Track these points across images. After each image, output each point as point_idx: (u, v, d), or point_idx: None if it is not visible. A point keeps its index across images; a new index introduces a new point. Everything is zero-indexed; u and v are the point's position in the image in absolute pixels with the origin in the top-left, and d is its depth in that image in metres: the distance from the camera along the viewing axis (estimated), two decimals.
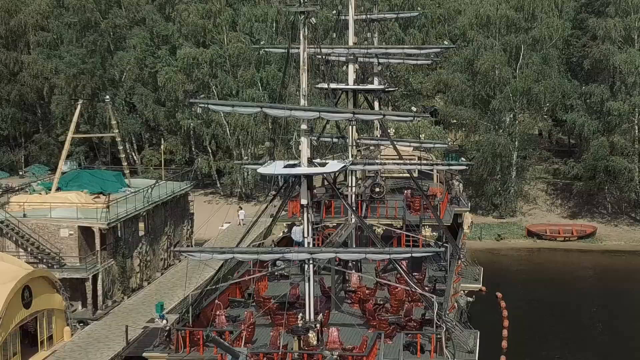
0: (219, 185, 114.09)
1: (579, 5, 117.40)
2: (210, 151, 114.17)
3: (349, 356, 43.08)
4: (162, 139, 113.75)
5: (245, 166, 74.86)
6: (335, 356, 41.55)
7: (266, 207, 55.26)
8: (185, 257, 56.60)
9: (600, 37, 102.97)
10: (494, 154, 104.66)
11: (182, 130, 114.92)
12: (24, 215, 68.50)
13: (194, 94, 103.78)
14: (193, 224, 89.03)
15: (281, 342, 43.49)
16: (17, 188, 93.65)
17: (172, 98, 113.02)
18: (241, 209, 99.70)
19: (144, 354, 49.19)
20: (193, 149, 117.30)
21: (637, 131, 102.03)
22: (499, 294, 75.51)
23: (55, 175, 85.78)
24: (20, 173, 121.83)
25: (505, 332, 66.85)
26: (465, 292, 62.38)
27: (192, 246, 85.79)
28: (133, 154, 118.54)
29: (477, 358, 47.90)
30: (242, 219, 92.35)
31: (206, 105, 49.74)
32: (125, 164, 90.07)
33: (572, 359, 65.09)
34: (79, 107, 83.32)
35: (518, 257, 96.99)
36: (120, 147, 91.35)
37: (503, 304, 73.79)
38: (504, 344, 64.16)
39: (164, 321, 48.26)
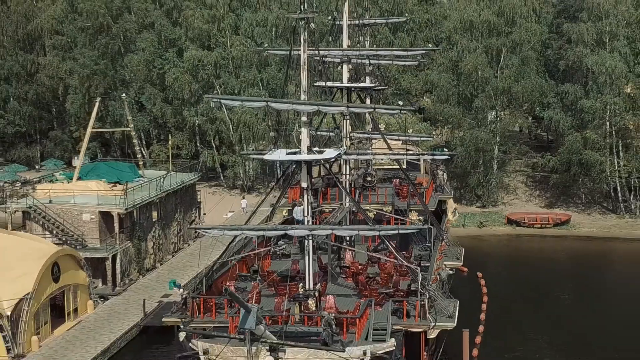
0: (222, 178, 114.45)
1: (555, 11, 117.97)
2: (214, 146, 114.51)
3: (344, 318, 45.11)
4: (170, 134, 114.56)
5: (251, 156, 76.68)
6: (332, 316, 44.92)
7: (267, 195, 58.50)
8: (201, 234, 60.03)
9: (574, 41, 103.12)
10: (477, 148, 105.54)
11: (188, 127, 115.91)
12: (50, 202, 70.78)
13: (208, 91, 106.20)
14: (200, 211, 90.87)
15: (284, 308, 46.44)
16: (35, 180, 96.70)
17: (179, 97, 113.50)
18: (243, 198, 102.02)
19: (163, 319, 52.02)
20: (198, 144, 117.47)
21: (608, 127, 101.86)
22: (480, 274, 76.85)
23: (76, 166, 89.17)
24: (36, 167, 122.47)
25: (484, 307, 68.31)
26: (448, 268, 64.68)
27: (198, 233, 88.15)
28: (142, 149, 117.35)
29: (456, 322, 49.85)
30: (244, 207, 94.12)
31: (219, 100, 52.96)
32: (140, 155, 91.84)
33: (546, 332, 65.94)
34: (97, 104, 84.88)
35: (498, 242, 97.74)
36: (135, 141, 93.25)
37: (483, 282, 75.00)
38: (483, 316, 65.75)
39: (181, 290, 51.10)
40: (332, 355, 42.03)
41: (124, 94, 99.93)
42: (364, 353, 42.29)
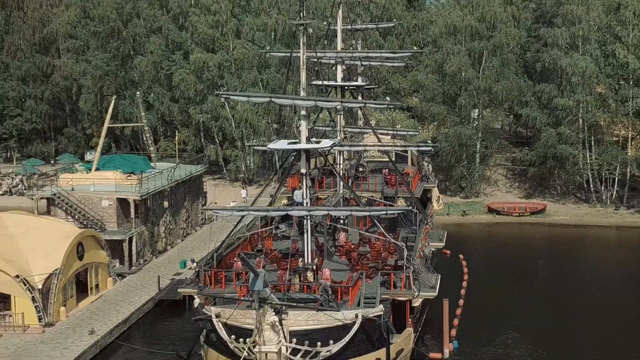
0: (225, 171, 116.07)
1: (533, 17, 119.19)
2: (217, 142, 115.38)
3: (339, 287, 48.36)
4: (177, 131, 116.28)
5: (256, 147, 79.31)
6: (328, 284, 48.31)
7: (268, 183, 61.86)
8: (210, 218, 63.38)
9: (549, 44, 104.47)
10: (461, 143, 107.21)
11: (193, 124, 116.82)
12: (72, 189, 73.36)
13: (212, 91, 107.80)
14: (206, 200, 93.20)
15: (286, 279, 49.91)
16: (51, 173, 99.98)
17: (185, 96, 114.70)
18: (244, 188, 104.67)
19: (179, 290, 55.09)
20: (203, 139, 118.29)
21: (581, 123, 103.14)
22: (461, 256, 79.48)
23: (88, 160, 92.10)
24: (52, 162, 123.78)
25: (464, 283, 71.31)
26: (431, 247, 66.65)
27: (205, 219, 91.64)
28: (147, 146, 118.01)
29: (437, 293, 52.72)
30: (245, 197, 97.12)
31: (228, 96, 56.29)
32: (152, 149, 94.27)
33: (523, 306, 67.51)
34: (112, 102, 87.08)
35: (479, 229, 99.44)
36: (148, 135, 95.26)
37: (464, 263, 77.66)
38: (463, 291, 68.57)
39: (194, 264, 54.12)
40: (328, 317, 45.26)
41: (137, 92, 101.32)
42: (356, 316, 45.17)
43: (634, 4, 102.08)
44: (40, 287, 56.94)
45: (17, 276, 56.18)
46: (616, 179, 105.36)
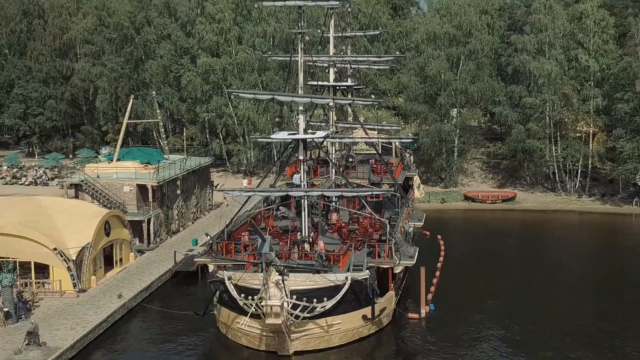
0: (228, 164, 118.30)
1: (505, 25, 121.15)
2: (221, 137, 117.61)
3: (331, 255, 52.78)
4: (184, 128, 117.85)
5: (259, 139, 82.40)
6: (323, 252, 52.96)
7: (268, 173, 65.73)
8: (225, 194, 66.65)
9: (519, 49, 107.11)
10: (440, 139, 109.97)
11: (199, 121, 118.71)
12: (97, 177, 76.90)
13: (217, 92, 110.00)
14: (213, 189, 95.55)
15: (287, 249, 54.43)
16: (74, 165, 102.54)
17: (192, 96, 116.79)
18: (244, 178, 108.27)
19: (195, 259, 59.47)
20: (208, 135, 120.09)
21: (547, 120, 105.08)
22: (439, 236, 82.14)
23: (103, 154, 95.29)
24: (70, 156, 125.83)
25: (441, 258, 74.65)
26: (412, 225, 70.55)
27: (212, 205, 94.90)
28: (160, 140, 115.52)
29: (415, 261, 56.97)
30: (246, 186, 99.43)
31: (237, 94, 60.78)
32: (166, 142, 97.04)
33: (494, 277, 70.24)
34: (131, 101, 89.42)
35: (456, 214, 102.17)
36: (162, 130, 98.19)
37: (442, 242, 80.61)
38: (439, 265, 72.11)
39: (208, 237, 58.16)
40: (322, 279, 50.14)
41: (153, 92, 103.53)
42: (346, 278, 50.32)
43: (594, 14, 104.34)
44: (74, 258, 60.30)
45: (55, 249, 59.44)
46: (579, 170, 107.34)
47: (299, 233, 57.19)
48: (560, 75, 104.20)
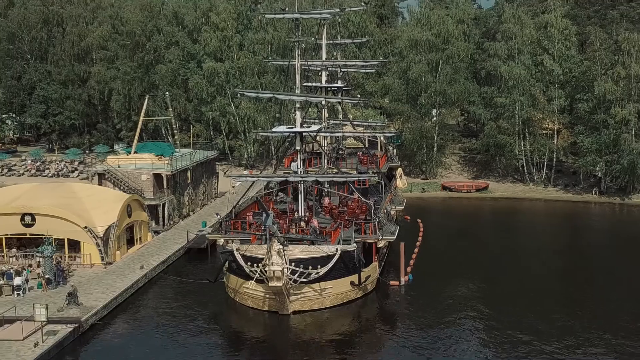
0: (230, 158, 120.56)
1: (480, 33, 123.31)
2: (224, 134, 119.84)
3: (324, 230, 57.82)
4: (191, 125, 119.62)
5: (261, 133, 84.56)
6: (317, 227, 58.01)
7: (268, 163, 69.34)
8: (233, 179, 70.20)
9: (492, 55, 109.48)
10: (422, 135, 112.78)
11: (205, 119, 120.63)
12: (118, 167, 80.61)
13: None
14: (218, 179, 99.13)
15: (285, 226, 59.19)
16: (90, 160, 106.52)
17: (198, 97, 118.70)
18: (245, 170, 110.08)
19: (207, 236, 63.52)
20: (212, 132, 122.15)
21: (516, 118, 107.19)
22: (419, 220, 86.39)
23: (117, 150, 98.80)
24: (87, 151, 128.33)
25: (420, 237, 78.85)
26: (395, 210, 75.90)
27: (217, 193, 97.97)
28: (169, 137, 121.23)
29: (395, 237, 61.96)
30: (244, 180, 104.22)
31: (244, 93, 65.29)
32: (176, 137, 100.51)
33: (467, 254, 73.43)
34: (146, 101, 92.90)
35: (435, 202, 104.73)
36: (174, 126, 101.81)
37: (421, 224, 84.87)
38: (418, 243, 76.39)
39: (218, 216, 62.21)
40: (317, 249, 55.19)
41: (167, 93, 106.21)
42: (337, 249, 55.33)
43: (558, 23, 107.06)
44: (101, 235, 64.78)
45: (85, 227, 63.97)
46: (545, 163, 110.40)
47: (295, 213, 62.11)
48: (527, 78, 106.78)
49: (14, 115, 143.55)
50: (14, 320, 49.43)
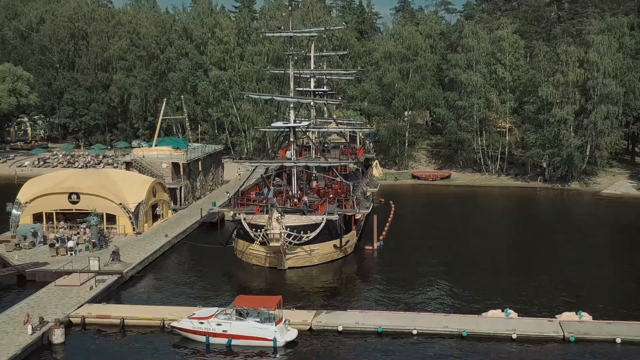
0: (232, 153, 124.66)
1: (444, 46, 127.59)
2: (227, 132, 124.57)
3: (312, 203, 64.85)
4: (199, 124, 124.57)
5: (261, 129, 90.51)
6: (307, 201, 65.48)
7: (266, 154, 74.91)
8: (239, 164, 76.24)
9: (454, 65, 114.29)
10: (395, 133, 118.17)
11: (210, 119, 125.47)
12: (143, 157, 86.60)
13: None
14: (223, 169, 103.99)
15: (282, 201, 66.71)
16: (112, 154, 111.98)
17: (205, 100, 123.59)
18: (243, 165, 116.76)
19: (218, 210, 71.41)
20: (217, 130, 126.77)
21: (474, 118, 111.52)
22: (392, 202, 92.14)
23: (135, 146, 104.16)
24: (108, 147, 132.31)
25: (391, 214, 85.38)
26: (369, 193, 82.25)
27: (222, 180, 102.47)
28: (179, 134, 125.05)
29: (369, 211, 69.05)
30: (247, 168, 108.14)
31: (249, 95, 71.77)
32: (191, 133, 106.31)
33: (431, 229, 78.90)
34: (164, 103, 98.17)
35: (406, 188, 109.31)
36: (187, 124, 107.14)
37: (393, 205, 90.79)
38: (390, 218, 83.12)
39: (228, 194, 69.21)
40: (307, 218, 62.44)
41: (182, 96, 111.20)
42: (323, 218, 62.47)
43: (509, 38, 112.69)
44: (133, 210, 71.51)
45: (120, 204, 70.88)
46: (499, 156, 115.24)
47: (290, 192, 69.44)
48: (483, 84, 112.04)
49: (44, 116, 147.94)
50: (72, 272, 57.17)
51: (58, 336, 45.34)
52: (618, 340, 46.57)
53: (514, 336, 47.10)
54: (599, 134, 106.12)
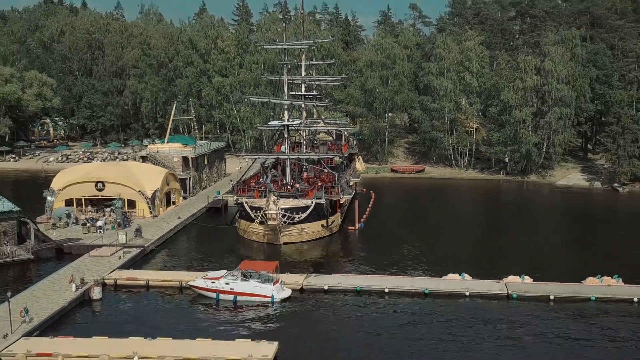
0: (233, 150, 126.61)
1: (420, 55, 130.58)
2: (228, 131, 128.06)
3: (302, 189, 70.28)
4: (203, 125, 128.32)
5: (260, 127, 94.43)
6: (299, 187, 71.21)
7: (263, 150, 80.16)
8: (242, 156, 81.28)
9: (427, 72, 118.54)
10: (376, 132, 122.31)
11: (214, 120, 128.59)
12: (157, 152, 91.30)
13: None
14: (226, 163, 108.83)
15: (278, 188, 72.71)
16: (125, 152, 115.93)
17: (209, 104, 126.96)
18: (244, 160, 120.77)
19: (222, 197, 76.97)
20: (219, 130, 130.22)
21: (446, 119, 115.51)
22: (372, 192, 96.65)
23: (146, 144, 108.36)
24: (122, 145, 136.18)
25: (372, 202, 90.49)
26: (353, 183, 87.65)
27: (225, 173, 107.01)
28: (186, 133, 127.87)
29: (352, 197, 74.71)
30: (247, 161, 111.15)
31: (249, 98, 77.38)
32: (196, 131, 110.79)
33: (407, 214, 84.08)
34: (174, 105, 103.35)
35: (385, 180, 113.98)
36: (195, 124, 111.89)
37: (373, 194, 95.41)
38: (370, 204, 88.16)
39: (231, 181, 75.39)
40: (299, 201, 68.03)
41: (190, 99, 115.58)
42: (312, 202, 68.24)
43: (476, 49, 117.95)
44: (150, 196, 77.00)
45: (139, 191, 76.42)
46: (467, 152, 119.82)
47: (284, 180, 75.33)
48: (453, 89, 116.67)
49: (63, 118, 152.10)
50: (102, 245, 63.34)
51: (97, 293, 51.52)
52: (551, 297, 52.89)
53: (467, 293, 53.45)
54: (553, 133, 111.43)
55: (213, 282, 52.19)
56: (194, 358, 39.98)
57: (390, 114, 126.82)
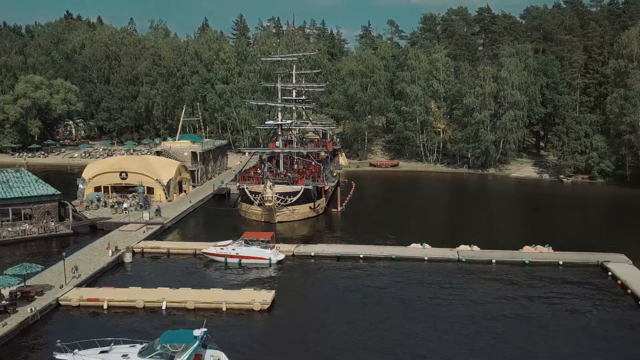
0: (232, 148, 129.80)
1: (395, 65, 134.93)
2: (229, 131, 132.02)
3: (294, 177, 77.09)
4: (207, 126, 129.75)
5: (258, 127, 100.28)
6: (291, 176, 77.85)
7: (261, 146, 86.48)
8: (242, 151, 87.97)
9: (401, 80, 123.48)
10: (357, 132, 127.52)
11: (216, 121, 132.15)
12: (170, 148, 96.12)
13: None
14: (227, 158, 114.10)
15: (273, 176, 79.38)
16: (141, 148, 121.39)
17: (212, 108, 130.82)
18: (244, 154, 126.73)
19: (226, 185, 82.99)
20: (220, 130, 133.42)
21: (417, 120, 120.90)
22: (353, 182, 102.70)
23: (158, 143, 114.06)
24: (136, 144, 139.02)
25: (352, 190, 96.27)
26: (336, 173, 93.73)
27: (226, 167, 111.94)
28: (198, 130, 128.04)
29: (334, 185, 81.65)
30: (247, 155, 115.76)
31: (249, 102, 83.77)
32: (203, 131, 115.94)
33: (383, 201, 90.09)
34: (184, 108, 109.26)
35: (365, 173, 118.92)
36: (201, 124, 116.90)
37: (354, 184, 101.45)
38: (351, 192, 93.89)
39: (234, 171, 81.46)
40: (291, 187, 74.24)
41: (198, 103, 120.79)
42: (302, 188, 74.79)
43: (442, 60, 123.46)
44: (165, 184, 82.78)
45: (156, 179, 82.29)
46: (435, 149, 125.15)
47: (278, 170, 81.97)
48: (423, 95, 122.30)
49: (84, 120, 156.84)
50: (129, 222, 70.09)
51: (128, 257, 58.45)
52: (493, 262, 60.15)
53: (426, 258, 60.63)
54: (508, 132, 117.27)
55: (222, 249, 59.07)
56: (209, 301, 46.93)
57: (369, 116, 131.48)
